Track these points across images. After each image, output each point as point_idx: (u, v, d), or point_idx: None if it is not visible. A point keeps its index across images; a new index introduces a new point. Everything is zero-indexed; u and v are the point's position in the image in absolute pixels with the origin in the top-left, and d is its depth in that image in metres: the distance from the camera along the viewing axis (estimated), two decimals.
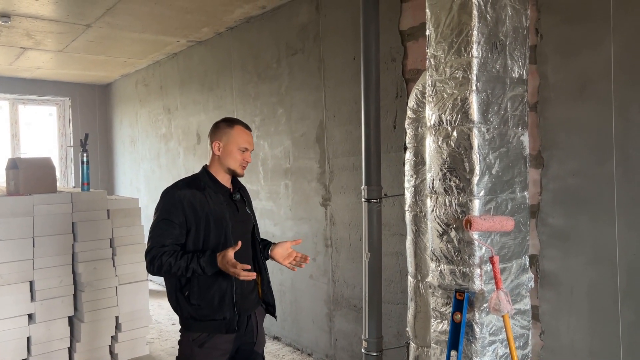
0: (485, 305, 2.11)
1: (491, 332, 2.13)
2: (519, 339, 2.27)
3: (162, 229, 2.04)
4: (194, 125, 5.37)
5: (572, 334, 2.27)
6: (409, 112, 2.57)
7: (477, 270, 2.11)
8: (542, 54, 2.33)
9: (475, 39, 2.06)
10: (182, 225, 2.05)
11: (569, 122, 2.26)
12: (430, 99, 2.24)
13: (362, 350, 2.87)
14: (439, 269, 2.23)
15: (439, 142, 2.19)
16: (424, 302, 2.54)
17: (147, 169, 6.53)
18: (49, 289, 3.53)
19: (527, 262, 2.32)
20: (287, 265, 2.25)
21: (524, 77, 2.27)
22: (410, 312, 2.62)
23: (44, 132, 7.54)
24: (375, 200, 2.80)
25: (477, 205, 2.09)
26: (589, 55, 2.19)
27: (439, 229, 2.21)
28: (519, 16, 2.23)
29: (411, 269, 2.60)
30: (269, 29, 4.16)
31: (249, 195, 2.41)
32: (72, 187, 7.50)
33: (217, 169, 2.19)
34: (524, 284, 2.30)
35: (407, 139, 2.58)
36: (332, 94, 3.57)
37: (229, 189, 2.22)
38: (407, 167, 2.59)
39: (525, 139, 2.29)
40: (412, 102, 2.55)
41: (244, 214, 2.24)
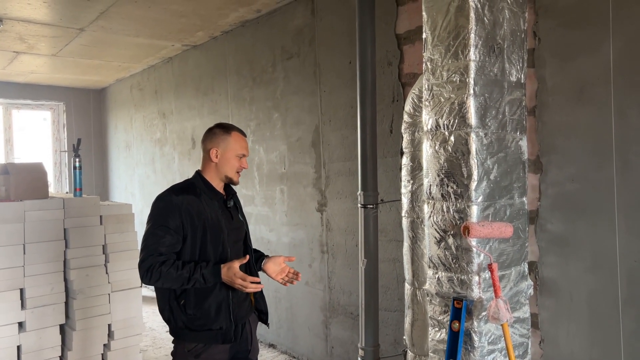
0: (484, 313, 2.06)
1: (490, 341, 2.09)
2: (518, 347, 2.22)
3: (158, 235, 1.96)
4: (189, 129, 5.32)
5: (572, 342, 2.23)
6: (406, 117, 2.53)
7: (476, 277, 2.06)
8: (540, 57, 2.30)
9: (472, 42, 2.02)
10: (179, 231, 1.99)
11: (567, 127, 2.23)
12: (427, 103, 2.20)
13: (359, 358, 2.82)
14: (437, 277, 2.19)
15: (436, 147, 2.15)
16: (421, 310, 2.49)
17: (142, 174, 6.48)
18: (39, 297, 3.46)
19: (526, 269, 2.28)
20: (279, 281, 2.20)
21: (522, 81, 2.24)
22: (407, 320, 2.58)
23: (38, 137, 7.48)
24: (371, 205, 2.76)
25: (475, 211, 2.05)
26: (587, 58, 2.16)
27: (437, 236, 2.17)
28: (517, 19, 2.20)
29: (408, 276, 2.56)
30: (264, 33, 4.13)
31: (239, 201, 2.37)
32: (66, 192, 7.43)
33: (212, 175, 2.15)
34: (523, 292, 2.26)
35: (404, 144, 2.55)
36: (328, 98, 3.54)
37: (223, 196, 2.19)
38: (404, 173, 2.55)
39: (523, 144, 2.25)
40: (408, 107, 2.52)
41: (237, 221, 2.21)
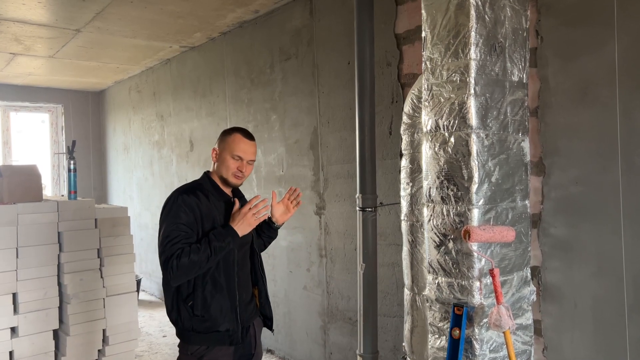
0: (485, 320, 2.00)
1: (491, 348, 2.03)
2: (520, 355, 2.15)
3: (173, 234, 1.96)
4: (187, 132, 5.27)
5: (576, 350, 2.16)
6: (405, 118, 2.47)
7: (477, 283, 2.00)
8: (543, 57, 2.24)
9: (473, 40, 1.96)
10: (192, 226, 2.00)
11: (571, 128, 2.17)
12: (426, 104, 2.14)
13: None
14: (437, 282, 2.13)
15: (436, 149, 2.09)
16: (421, 316, 2.43)
17: (140, 176, 6.42)
18: (33, 301, 3.40)
19: (529, 274, 2.21)
20: (293, 211, 2.31)
21: (524, 81, 2.18)
22: (406, 326, 2.51)
23: (36, 139, 7.43)
24: (370, 209, 2.70)
25: (476, 214, 1.99)
26: (591, 58, 2.10)
27: (436, 240, 2.11)
28: (519, 17, 2.14)
29: (407, 281, 2.49)
30: (262, 34, 4.08)
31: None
32: (62, 195, 7.38)
33: (217, 176, 2.15)
34: (526, 298, 2.19)
35: (403, 146, 2.49)
36: (326, 99, 3.48)
37: (230, 197, 2.18)
38: (403, 175, 2.49)
39: (526, 145, 2.19)
40: (407, 107, 2.46)
41: None
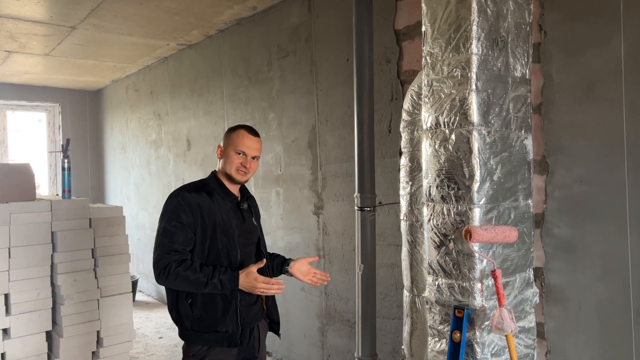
0: (486, 323, 1.94)
1: (493, 352, 1.96)
2: (523, 359, 2.09)
3: (171, 233, 1.94)
4: (184, 131, 5.21)
5: (581, 354, 2.10)
6: (404, 115, 2.41)
7: (478, 285, 1.94)
8: (546, 52, 2.18)
9: (474, 34, 1.90)
10: (192, 226, 1.97)
11: (575, 125, 2.10)
12: (426, 100, 2.08)
13: None
14: (437, 284, 2.07)
15: (436, 146, 2.03)
16: (420, 319, 2.36)
17: (137, 176, 6.36)
18: (25, 302, 3.34)
19: (532, 275, 2.15)
20: (308, 281, 2.18)
21: (527, 77, 2.12)
22: (406, 328, 2.45)
23: (32, 138, 7.37)
24: (368, 208, 2.64)
25: (477, 214, 1.93)
26: (596, 53, 2.04)
27: (436, 240, 2.04)
28: (522, 11, 2.08)
29: (407, 282, 2.43)
30: (260, 31, 4.02)
31: (257, 206, 2.30)
32: (56, 195, 7.32)
33: (224, 175, 2.10)
34: (529, 300, 2.13)
35: (402, 144, 2.43)
36: (325, 97, 3.42)
37: (237, 197, 2.13)
38: (403, 174, 2.43)
39: (528, 143, 2.13)
40: (407, 104, 2.40)
41: (250, 224, 2.14)
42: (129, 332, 3.77)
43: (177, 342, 4.43)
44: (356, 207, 2.66)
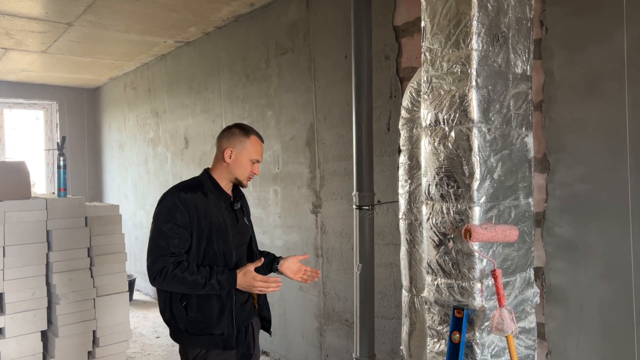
0: (486, 323, 1.90)
1: (493, 353, 1.93)
2: None
3: (167, 234, 1.90)
4: (182, 129, 5.17)
5: (582, 355, 2.07)
6: (403, 112, 2.37)
7: (478, 285, 1.91)
8: (548, 48, 2.15)
9: (474, 29, 1.87)
10: (188, 227, 1.93)
11: (577, 123, 2.07)
12: (425, 97, 2.05)
13: None
14: (436, 283, 2.03)
15: (435, 144, 2.00)
16: (419, 319, 2.33)
17: (135, 174, 6.32)
18: (20, 302, 3.30)
19: (532, 275, 2.12)
20: (298, 279, 2.15)
21: (528, 73, 2.08)
22: (404, 329, 2.42)
23: (30, 136, 7.33)
24: (367, 207, 2.60)
25: (477, 213, 1.90)
26: (599, 49, 2.01)
27: (435, 239, 2.01)
28: (523, 6, 2.04)
29: (405, 282, 2.40)
30: (258, 28, 3.98)
31: (248, 205, 2.28)
32: (53, 193, 7.27)
33: (222, 175, 2.07)
34: (529, 300, 2.09)
35: (401, 141, 2.39)
36: (323, 95, 3.39)
37: (230, 197, 2.09)
38: (401, 172, 2.39)
39: (529, 141, 2.09)
40: (406, 101, 2.36)
41: (242, 224, 2.12)
42: (126, 332, 3.73)
43: (174, 342, 4.38)
44: (354, 206, 2.63)
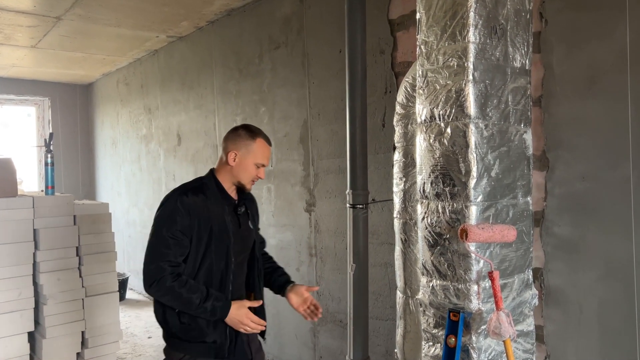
0: (483, 327, 1.83)
1: (490, 357, 1.86)
2: None
3: (167, 241, 1.85)
4: (175, 125, 5.08)
5: (582, 358, 2.00)
6: (398, 108, 2.30)
7: (474, 287, 1.84)
8: (547, 41, 2.07)
9: (472, 21, 1.79)
10: (188, 234, 1.88)
11: (577, 119, 2.00)
12: (420, 92, 1.97)
13: None
14: (431, 285, 1.96)
15: (431, 140, 1.92)
16: (414, 321, 2.26)
17: (128, 172, 6.24)
18: (6, 302, 3.22)
19: (531, 276, 2.05)
20: (302, 312, 2.07)
21: (527, 67, 2.01)
22: (399, 331, 2.35)
23: (22, 133, 7.23)
24: (361, 206, 2.53)
25: (474, 212, 1.83)
26: (600, 44, 1.94)
27: (430, 239, 1.94)
28: None
29: (400, 283, 2.33)
30: (251, 23, 3.90)
31: (256, 207, 2.19)
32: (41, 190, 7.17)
33: (226, 177, 1.99)
34: (527, 302, 2.03)
35: (396, 138, 2.32)
36: (317, 90, 3.31)
37: (234, 200, 2.02)
38: (396, 169, 2.32)
39: (528, 137, 2.02)
40: (401, 97, 2.29)
41: (245, 229, 2.05)
42: (116, 333, 3.66)
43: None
44: (348, 205, 2.56)
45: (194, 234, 1.88)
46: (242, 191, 2.04)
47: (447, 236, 1.89)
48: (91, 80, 7.08)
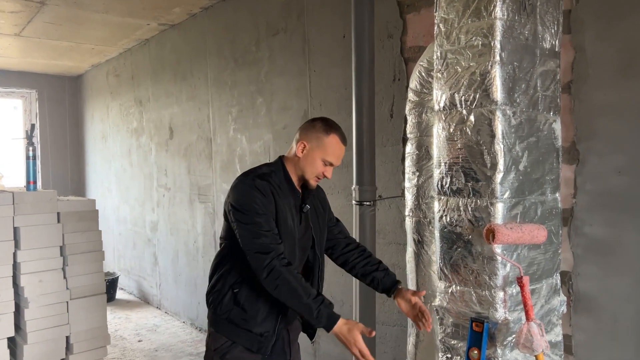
0: (509, 338, 1.64)
1: None
2: None
3: (262, 226, 1.67)
4: (167, 118, 4.85)
5: None
6: (411, 95, 2.09)
7: (500, 293, 1.64)
8: (578, 20, 1.87)
9: None
10: (272, 214, 1.71)
11: (612, 106, 1.80)
12: (439, 75, 1.77)
13: None
14: (450, 291, 1.77)
15: (451, 130, 1.72)
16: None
17: (118, 167, 6.00)
18: None
19: (559, 281, 1.85)
20: (413, 320, 1.84)
21: (557, 49, 1.81)
22: (410, 340, 2.15)
23: (8, 126, 6.96)
24: (368, 202, 2.33)
25: (500, 210, 1.63)
26: (638, 21, 1.74)
27: (449, 240, 1.74)
28: None
29: (412, 287, 2.13)
30: (247, 7, 3.67)
31: (326, 201, 1.98)
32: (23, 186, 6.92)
33: (292, 169, 1.83)
34: (556, 310, 1.84)
35: (408, 129, 2.11)
36: (319, 79, 3.09)
37: (300, 194, 1.85)
38: (408, 163, 2.12)
39: (557, 127, 1.83)
40: (414, 83, 2.08)
41: (305, 226, 1.87)
42: (103, 337, 3.44)
43: (157, 347, 4.11)
44: (354, 202, 2.35)
45: (273, 218, 1.72)
46: (306, 186, 1.86)
47: (469, 237, 1.69)
48: (80, 71, 6.82)
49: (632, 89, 1.75)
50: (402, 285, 1.90)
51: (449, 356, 1.79)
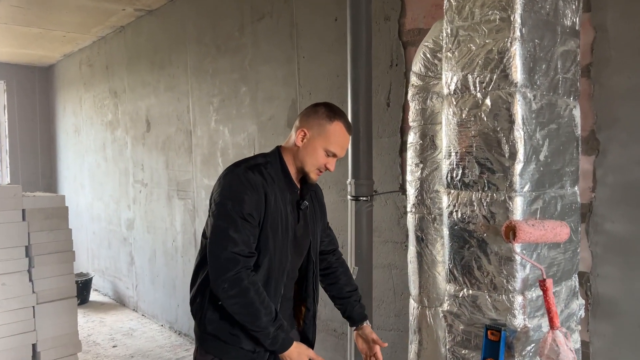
0: (529, 348, 1.47)
1: None
2: None
3: (237, 224, 1.49)
4: (143, 110, 4.59)
5: None
6: (414, 79, 1.91)
7: (519, 298, 1.47)
8: None
9: None
10: (255, 215, 1.53)
11: (636, 91, 1.65)
12: (449, 55, 1.59)
13: None
14: (460, 295, 1.59)
15: (463, 115, 1.54)
16: (432, 337, 1.89)
17: (92, 162, 5.70)
18: None
19: (577, 283, 1.69)
20: (364, 357, 1.79)
21: (577, 28, 1.64)
22: (412, 347, 1.97)
23: None
24: (365, 198, 2.14)
25: (519, 204, 1.46)
26: None
27: (461, 239, 1.56)
28: None
29: (414, 290, 1.95)
30: None
31: (322, 198, 1.80)
32: (7, 183, 6.57)
33: (290, 160, 1.65)
34: (575, 314, 1.67)
35: (411, 116, 1.93)
36: (308, 66, 2.89)
37: (298, 190, 1.67)
38: (411, 154, 1.94)
39: (577, 114, 1.66)
40: (417, 66, 1.90)
41: (302, 225, 1.69)
42: (73, 344, 3.20)
43: (132, 352, 3.86)
44: (349, 197, 2.16)
45: (261, 218, 1.55)
46: (305, 180, 1.66)
47: (484, 235, 1.51)
48: (51, 61, 6.48)
49: None
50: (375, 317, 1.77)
51: None
